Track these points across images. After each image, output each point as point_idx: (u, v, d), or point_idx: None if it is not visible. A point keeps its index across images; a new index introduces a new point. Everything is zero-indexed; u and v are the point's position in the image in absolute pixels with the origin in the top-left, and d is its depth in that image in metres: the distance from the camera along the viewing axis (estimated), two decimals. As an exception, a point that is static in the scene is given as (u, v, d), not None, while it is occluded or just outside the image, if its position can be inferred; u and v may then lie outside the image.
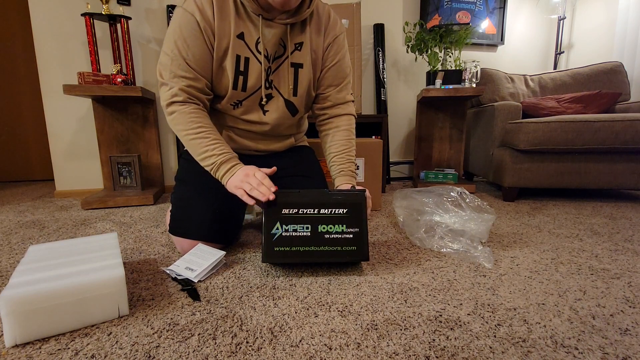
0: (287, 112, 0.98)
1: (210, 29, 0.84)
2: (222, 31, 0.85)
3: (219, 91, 0.92)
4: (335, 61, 0.98)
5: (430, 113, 2.11)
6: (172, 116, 0.86)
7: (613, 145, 1.52)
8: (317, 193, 0.83)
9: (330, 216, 0.82)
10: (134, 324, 0.63)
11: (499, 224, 1.28)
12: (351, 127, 1.02)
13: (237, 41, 0.87)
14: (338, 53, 0.98)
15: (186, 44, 0.83)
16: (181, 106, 0.85)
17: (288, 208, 0.81)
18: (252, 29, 0.88)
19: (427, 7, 2.28)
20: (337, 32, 0.97)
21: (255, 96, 0.93)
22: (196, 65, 0.85)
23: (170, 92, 0.85)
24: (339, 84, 1.00)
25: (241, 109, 0.94)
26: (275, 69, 0.93)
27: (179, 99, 0.85)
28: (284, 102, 0.97)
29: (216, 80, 0.90)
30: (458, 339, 0.58)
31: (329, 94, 1.00)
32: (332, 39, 0.96)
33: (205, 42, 0.84)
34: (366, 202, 0.84)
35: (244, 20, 0.87)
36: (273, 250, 0.80)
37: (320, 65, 0.98)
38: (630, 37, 2.11)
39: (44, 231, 1.23)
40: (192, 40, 0.83)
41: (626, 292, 0.75)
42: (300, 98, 0.98)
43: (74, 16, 1.78)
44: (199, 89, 0.87)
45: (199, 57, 0.85)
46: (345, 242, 0.81)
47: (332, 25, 0.96)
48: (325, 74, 0.99)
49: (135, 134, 1.87)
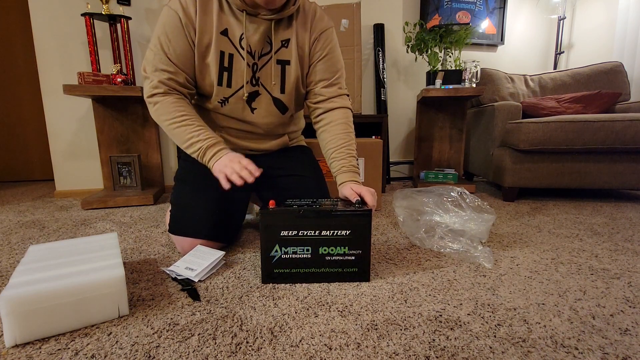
0: (276, 110, 0.98)
1: (192, 25, 0.86)
2: (204, 27, 0.87)
3: (204, 88, 0.93)
4: (323, 55, 0.96)
5: (430, 113, 2.11)
6: (155, 107, 0.88)
7: (613, 145, 1.52)
8: (319, 212, 0.76)
9: (332, 238, 0.77)
10: (134, 324, 0.63)
11: (499, 224, 1.28)
12: (348, 120, 0.97)
13: (220, 37, 0.88)
14: (326, 47, 0.96)
15: (168, 39, 0.85)
16: (162, 97, 0.87)
17: (287, 230, 0.76)
18: (235, 25, 0.88)
19: (427, 7, 2.28)
20: (324, 27, 0.96)
21: (241, 93, 0.93)
22: (177, 60, 0.87)
23: (151, 85, 0.87)
24: (330, 78, 0.98)
25: (228, 106, 0.95)
26: (261, 67, 0.93)
27: (159, 90, 0.87)
28: (272, 99, 0.96)
29: (200, 77, 0.91)
30: (458, 339, 0.58)
31: (320, 88, 0.97)
32: (318, 33, 0.95)
33: (187, 38, 0.86)
34: (371, 222, 0.78)
35: (228, 17, 0.88)
36: (272, 272, 0.78)
37: (308, 61, 0.97)
38: (630, 37, 2.11)
39: (44, 231, 1.23)
40: (174, 36, 0.86)
41: (626, 292, 0.75)
42: (289, 95, 0.97)
43: (74, 16, 1.78)
44: (179, 83, 0.89)
45: (180, 52, 0.87)
46: (346, 263, 0.78)
47: (317, 20, 0.95)
48: (314, 69, 0.97)
49: (135, 134, 1.87)
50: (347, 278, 0.79)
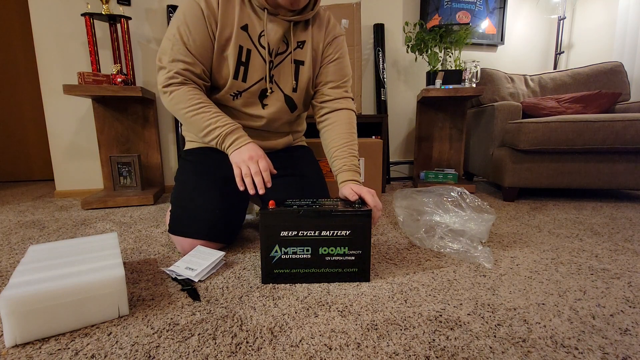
0: (286, 108, 1.00)
1: (214, 18, 0.87)
2: (226, 21, 0.88)
3: (218, 80, 0.93)
4: (335, 58, 1.00)
5: (430, 113, 2.11)
6: (170, 96, 0.87)
7: (613, 145, 1.52)
8: (319, 213, 0.76)
9: (331, 238, 0.77)
10: (134, 324, 0.63)
11: (499, 224, 1.28)
12: (352, 121, 0.99)
13: (240, 32, 0.89)
14: (338, 51, 1.00)
15: (188, 30, 0.85)
16: (179, 87, 0.87)
17: (287, 230, 0.76)
18: (256, 22, 0.90)
19: (427, 7, 2.28)
20: (337, 34, 1.01)
21: (255, 88, 0.95)
22: (196, 51, 0.87)
23: (167, 75, 0.87)
24: (338, 81, 1.01)
25: (240, 100, 0.96)
26: (277, 64, 0.95)
27: (176, 80, 0.87)
28: (283, 97, 0.98)
29: (216, 69, 0.92)
30: (458, 339, 0.58)
31: (328, 89, 1.00)
32: (332, 38, 1.00)
33: (208, 30, 0.87)
34: (371, 223, 0.78)
35: (249, 13, 0.90)
36: (272, 272, 0.78)
37: (320, 62, 1.00)
38: (630, 37, 2.11)
39: (44, 231, 1.23)
40: (195, 27, 0.86)
41: (626, 292, 0.75)
42: (300, 94, 1.00)
43: (74, 16, 1.78)
44: (196, 74, 0.89)
45: (200, 43, 0.87)
46: (346, 264, 0.79)
47: (332, 27, 1.01)
48: (324, 70, 1.00)
49: (135, 134, 1.87)
50: (347, 278, 0.79)
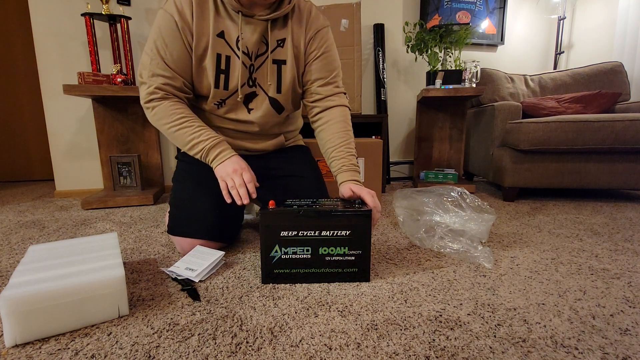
0: (273, 110, 0.98)
1: (189, 29, 0.85)
2: (201, 31, 0.86)
3: (201, 90, 0.92)
4: (319, 54, 0.95)
5: (430, 113, 2.11)
6: (153, 112, 0.87)
7: (613, 145, 1.52)
8: (319, 213, 0.76)
9: (331, 238, 0.77)
10: (134, 324, 0.63)
11: (499, 224, 1.28)
12: (346, 118, 0.96)
13: (217, 40, 0.87)
14: (322, 46, 0.95)
15: (165, 43, 0.85)
16: (160, 102, 0.87)
17: (287, 230, 0.76)
18: (232, 27, 0.88)
19: (427, 7, 2.28)
20: (320, 26, 0.95)
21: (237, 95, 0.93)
22: (174, 64, 0.86)
23: (148, 90, 0.86)
24: (327, 77, 0.96)
25: (225, 107, 0.95)
26: (258, 67, 0.93)
27: (157, 95, 0.86)
28: (268, 100, 0.96)
29: (197, 80, 0.91)
30: (458, 339, 0.58)
31: (317, 87, 0.97)
32: (314, 32, 0.95)
33: (184, 42, 0.86)
34: (371, 223, 0.78)
35: (224, 19, 0.88)
36: (272, 272, 0.78)
37: (304, 60, 0.96)
38: (630, 37, 2.11)
39: (44, 231, 1.23)
40: (171, 41, 0.85)
41: (626, 292, 0.75)
42: (285, 95, 0.97)
43: (74, 16, 1.78)
44: (176, 87, 0.88)
45: (177, 56, 0.86)
46: (346, 264, 0.79)
47: (313, 19, 0.95)
48: (309, 68, 0.96)
49: (135, 134, 1.87)
50: (347, 278, 0.79)
